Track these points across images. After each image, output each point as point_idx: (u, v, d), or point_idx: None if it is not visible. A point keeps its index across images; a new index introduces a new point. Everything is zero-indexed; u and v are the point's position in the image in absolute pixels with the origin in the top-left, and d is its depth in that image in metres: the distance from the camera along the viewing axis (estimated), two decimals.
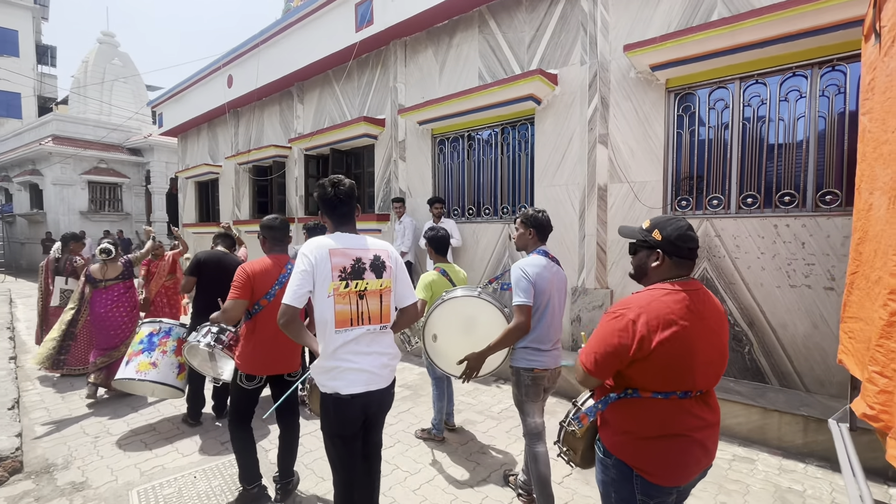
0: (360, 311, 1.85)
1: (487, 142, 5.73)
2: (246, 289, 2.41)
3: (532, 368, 2.31)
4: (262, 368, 2.50)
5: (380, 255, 1.94)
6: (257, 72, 8.48)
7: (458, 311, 2.54)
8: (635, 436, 1.41)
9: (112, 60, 20.97)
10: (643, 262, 1.53)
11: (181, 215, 13.02)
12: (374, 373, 1.89)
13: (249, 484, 2.54)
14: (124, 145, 17.48)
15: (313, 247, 1.84)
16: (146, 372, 3.42)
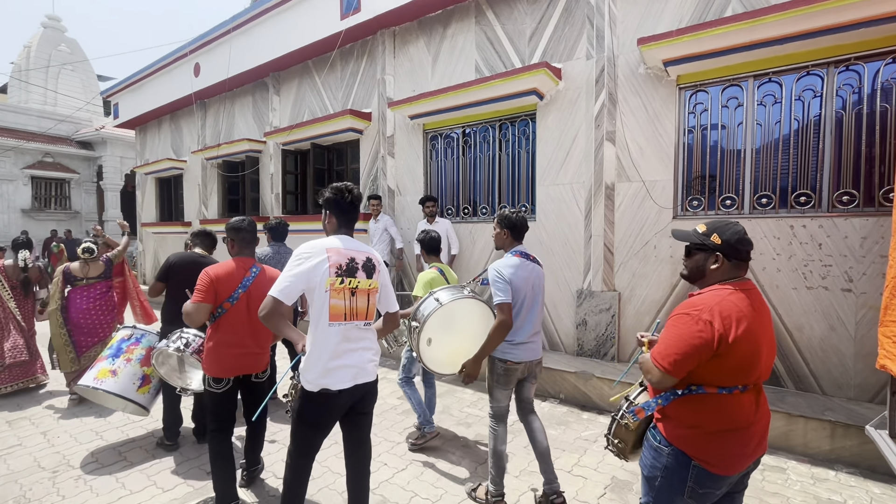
0: (351, 307, 1.96)
1: (484, 138, 5.48)
2: (209, 292, 2.40)
3: (506, 360, 2.46)
4: (227, 370, 2.49)
5: (371, 258, 2.06)
6: (229, 60, 7.89)
7: (446, 314, 2.58)
8: (702, 430, 1.47)
9: (58, 46, 19.41)
10: (701, 264, 1.59)
11: (139, 214, 12.09)
12: (361, 367, 1.99)
13: (225, 501, 2.44)
14: (73, 138, 16.15)
15: (312, 246, 1.92)
16: (103, 380, 3.08)
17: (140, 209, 11.98)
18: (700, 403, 1.48)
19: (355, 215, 2.10)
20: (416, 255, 5.56)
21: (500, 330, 2.34)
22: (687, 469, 1.48)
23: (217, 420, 2.51)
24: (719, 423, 1.46)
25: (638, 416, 1.62)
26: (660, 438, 1.55)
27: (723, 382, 1.46)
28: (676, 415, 1.52)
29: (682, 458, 1.49)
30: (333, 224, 2.07)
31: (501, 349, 2.45)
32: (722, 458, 1.46)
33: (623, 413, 1.70)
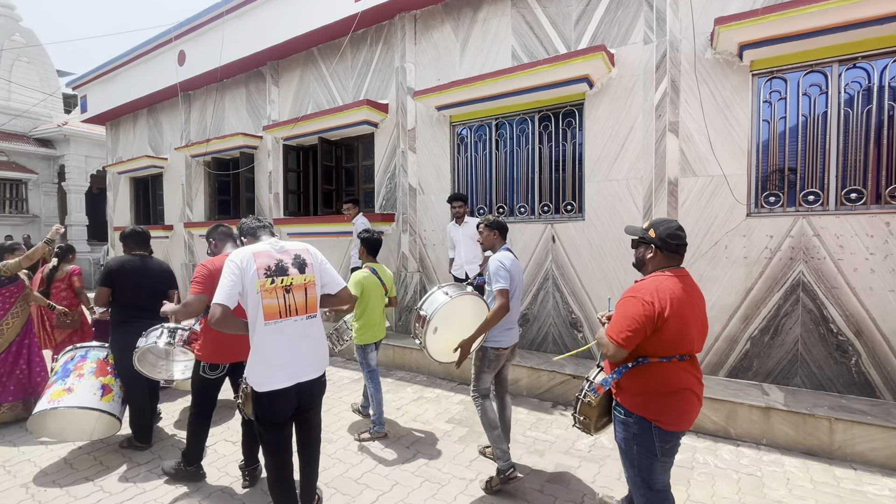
0: (287, 303, 2.05)
1: (522, 130, 5.04)
2: (208, 284, 2.45)
3: (497, 347, 2.80)
4: (225, 357, 2.74)
5: (300, 254, 2.17)
6: (221, 47, 7.17)
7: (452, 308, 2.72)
8: (651, 394, 1.75)
9: (12, 36, 17.81)
10: (641, 255, 1.91)
11: (110, 217, 11.06)
12: (303, 364, 2.07)
13: (191, 464, 2.83)
14: (31, 135, 14.76)
15: (240, 253, 2.05)
16: (59, 399, 2.98)
17: (111, 212, 10.95)
18: (646, 372, 1.76)
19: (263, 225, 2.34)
20: (449, 259, 5.05)
21: (500, 312, 2.64)
22: (650, 431, 1.75)
23: (205, 402, 2.81)
24: (663, 386, 1.74)
25: (598, 391, 1.91)
26: (623, 411, 1.83)
27: (662, 353, 1.74)
28: (629, 385, 1.80)
29: (643, 422, 1.76)
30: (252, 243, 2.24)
31: (494, 338, 2.78)
32: (672, 416, 1.74)
33: (585, 392, 1.97)
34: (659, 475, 1.84)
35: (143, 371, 3.03)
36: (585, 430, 2.00)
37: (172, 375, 3.21)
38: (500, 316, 2.64)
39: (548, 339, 4.84)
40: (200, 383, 2.75)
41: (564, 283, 4.71)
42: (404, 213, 5.79)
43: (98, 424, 3.17)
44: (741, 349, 3.90)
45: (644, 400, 1.75)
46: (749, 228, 3.83)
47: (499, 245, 2.90)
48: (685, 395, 1.75)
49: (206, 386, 2.76)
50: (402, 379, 4.97)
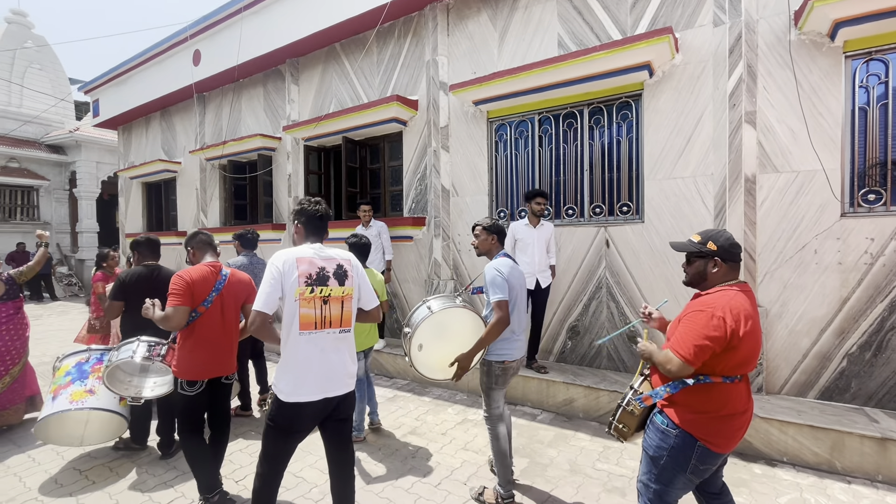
0: (323, 315, 1.98)
1: (570, 125, 4.62)
2: (186, 295, 2.42)
3: (503, 361, 2.58)
4: (203, 373, 2.54)
5: (342, 264, 2.07)
6: (238, 45, 6.85)
7: (439, 321, 2.61)
8: (708, 415, 1.68)
9: (24, 43, 17.76)
10: (702, 269, 1.80)
11: (122, 223, 10.77)
12: (333, 377, 2.00)
13: (210, 493, 2.54)
14: (43, 141, 14.59)
15: (283, 256, 1.96)
16: (83, 400, 2.97)
17: (123, 218, 10.66)
18: (708, 392, 1.67)
19: (323, 225, 2.14)
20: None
21: (499, 326, 2.44)
22: (692, 448, 1.68)
23: (190, 421, 2.56)
24: (725, 409, 1.66)
25: (645, 402, 1.81)
26: (668, 422, 1.72)
27: (727, 372, 1.67)
28: (686, 401, 1.70)
29: (688, 439, 1.68)
30: (303, 234, 2.14)
31: (497, 351, 2.57)
32: (724, 439, 1.68)
33: (630, 400, 1.86)
34: (677, 491, 1.78)
35: (111, 389, 2.82)
36: (620, 437, 1.91)
37: (141, 393, 2.95)
38: (500, 330, 2.46)
39: (601, 354, 4.39)
40: (182, 401, 2.54)
41: (621, 292, 4.27)
42: (436, 216, 5.38)
43: (108, 426, 3.20)
44: (836, 368, 3.42)
45: (699, 419, 1.67)
46: (844, 230, 3.37)
47: (496, 251, 2.69)
48: (743, 419, 1.70)
49: (186, 404, 2.54)
50: (440, 398, 4.53)
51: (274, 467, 2.03)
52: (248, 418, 3.98)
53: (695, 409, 1.67)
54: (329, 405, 2.00)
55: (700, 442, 1.65)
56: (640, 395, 1.83)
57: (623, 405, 1.87)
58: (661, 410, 1.76)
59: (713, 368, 1.65)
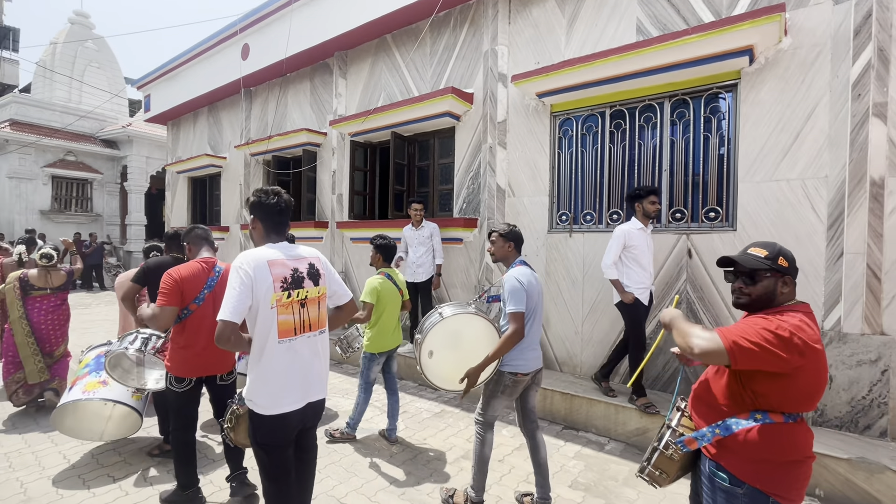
0: (302, 319, 1.86)
1: (648, 119, 4.14)
2: (174, 295, 2.39)
3: (516, 373, 2.48)
4: (191, 371, 2.50)
5: (313, 262, 1.96)
6: (287, 38, 6.70)
7: (449, 328, 2.58)
8: (774, 462, 1.40)
9: (85, 44, 18.62)
10: (772, 289, 1.50)
11: (168, 217, 10.94)
12: (313, 383, 1.91)
13: (186, 489, 2.55)
14: (97, 136, 15.18)
15: (250, 259, 1.79)
16: (95, 391, 2.98)
17: (169, 212, 10.82)
18: (769, 434, 1.40)
19: (285, 220, 1.96)
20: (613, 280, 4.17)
21: (513, 338, 2.36)
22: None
23: (180, 418, 2.55)
24: (790, 454, 1.40)
25: (689, 446, 1.51)
26: (728, 478, 1.44)
27: (788, 408, 1.41)
28: (742, 447, 1.42)
29: (758, 496, 1.40)
30: (260, 232, 1.95)
31: (512, 362, 2.48)
32: (795, 490, 1.41)
33: (668, 443, 1.54)
34: None
35: (113, 377, 2.86)
36: (654, 483, 1.59)
37: (145, 385, 3.01)
38: (513, 343, 2.38)
39: (677, 377, 3.87)
40: (172, 397, 2.54)
41: (704, 309, 3.75)
42: (490, 217, 5.00)
43: (123, 422, 3.20)
44: None
45: (762, 468, 1.41)
46: None
47: (512, 258, 2.62)
48: (809, 464, 1.44)
49: (176, 400, 2.53)
50: None
51: (280, 483, 1.88)
52: None
53: (755, 455, 1.40)
54: (307, 412, 1.91)
55: (771, 497, 1.38)
56: (681, 438, 1.52)
57: (660, 448, 1.55)
58: (715, 463, 1.46)
59: (771, 402, 1.40)
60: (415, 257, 5.06)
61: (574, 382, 4.20)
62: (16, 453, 3.23)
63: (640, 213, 3.60)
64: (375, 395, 4.17)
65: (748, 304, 1.54)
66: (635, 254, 3.56)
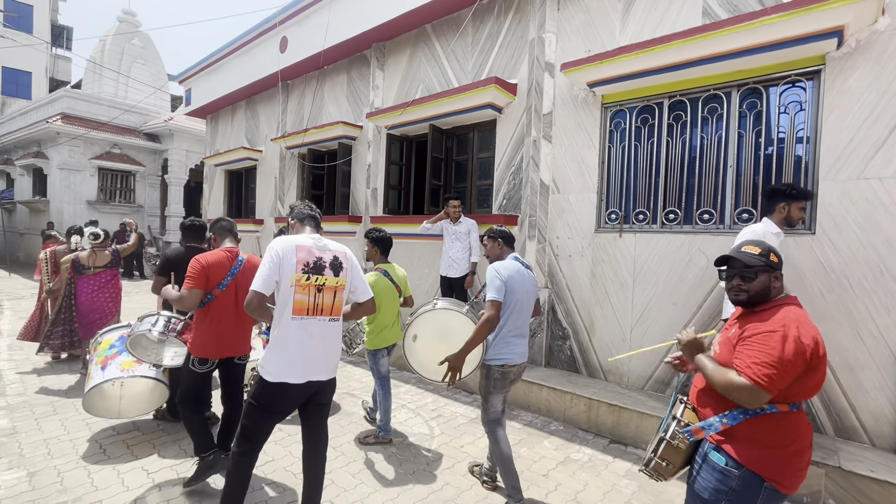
0: (316, 302, 2.07)
1: (712, 111, 3.79)
2: (201, 279, 2.53)
3: (502, 365, 2.58)
4: (214, 353, 2.68)
5: (338, 256, 2.17)
6: (326, 29, 6.61)
7: (440, 320, 2.79)
8: (777, 449, 1.45)
9: (132, 41, 19.31)
10: (767, 285, 1.57)
11: (205, 209, 11.15)
12: (319, 363, 2.09)
13: (205, 452, 2.68)
14: (141, 129, 15.67)
15: (282, 243, 2.05)
16: (133, 369, 3.13)
17: (206, 204, 11.02)
18: (776, 423, 1.46)
19: (316, 222, 2.29)
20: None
21: (487, 325, 2.44)
22: (758, 491, 1.46)
23: (189, 394, 2.69)
24: (793, 441, 1.46)
25: (696, 436, 1.57)
26: (727, 461, 1.50)
27: (796, 398, 1.45)
28: (750, 435, 1.48)
29: (753, 480, 1.45)
30: (298, 229, 2.27)
31: (499, 355, 2.57)
32: (794, 478, 1.47)
33: (675, 432, 1.59)
34: None
35: (133, 353, 3.03)
36: (660, 476, 1.62)
37: (162, 361, 3.18)
38: (487, 329, 2.46)
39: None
40: (189, 375, 2.70)
41: None
42: (532, 215, 4.75)
43: (151, 396, 3.42)
44: None
45: (766, 455, 1.45)
46: None
47: (505, 255, 2.75)
48: (810, 454, 1.51)
49: (193, 379, 2.69)
50: (531, 424, 3.91)
51: (252, 445, 2.10)
52: None
53: (762, 443, 1.45)
54: (311, 389, 2.09)
55: (767, 482, 1.44)
56: (687, 427, 1.57)
57: (667, 438, 1.58)
58: (717, 447, 1.52)
59: (784, 394, 1.44)
60: (452, 252, 4.87)
61: (621, 393, 3.91)
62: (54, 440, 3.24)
63: (781, 215, 2.92)
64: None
65: (747, 301, 1.60)
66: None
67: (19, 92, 21.89)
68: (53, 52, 25.15)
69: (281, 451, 3.22)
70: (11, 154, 17.06)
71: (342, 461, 3.13)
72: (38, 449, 3.09)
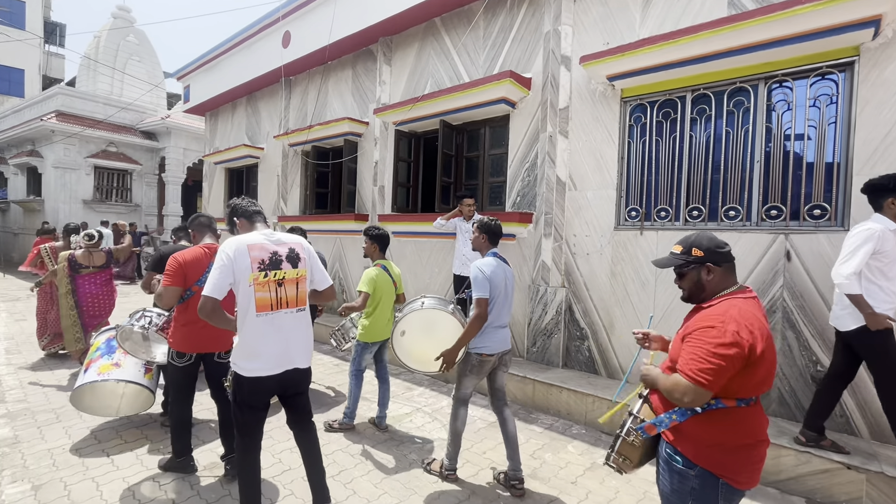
0: (279, 297, 2.12)
1: (738, 104, 3.69)
2: (178, 276, 2.60)
3: (481, 353, 2.74)
4: (192, 347, 2.71)
5: (294, 248, 2.22)
6: (332, 23, 6.46)
7: (427, 318, 3.02)
8: (727, 446, 1.44)
9: (127, 37, 19.01)
10: (697, 280, 1.60)
11: (204, 207, 10.98)
12: (291, 354, 2.16)
13: (180, 456, 2.82)
14: (138, 127, 15.43)
15: (233, 244, 2.07)
16: (108, 372, 3.16)
17: (206, 203, 10.84)
18: (721, 418, 1.45)
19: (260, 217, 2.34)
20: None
21: (477, 322, 2.64)
22: (716, 488, 1.45)
23: (178, 391, 2.80)
24: (742, 437, 1.45)
25: (648, 433, 1.56)
26: (682, 461, 1.49)
27: (743, 394, 1.45)
28: (696, 432, 1.47)
29: (709, 478, 1.45)
30: (245, 227, 2.32)
31: (477, 344, 2.73)
32: (747, 473, 1.45)
33: (629, 429, 1.60)
34: None
35: (124, 348, 3.08)
36: (620, 470, 1.64)
37: (154, 357, 3.22)
38: (478, 326, 2.65)
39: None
40: (172, 370, 2.77)
41: (806, 320, 3.30)
42: (547, 212, 4.63)
43: (136, 399, 3.37)
44: None
45: (716, 452, 1.44)
46: None
47: (486, 249, 2.88)
48: (762, 447, 1.47)
49: (176, 373, 2.75)
50: (552, 428, 3.79)
51: (249, 439, 2.17)
52: None
53: (709, 440, 1.45)
54: (286, 379, 2.16)
55: (722, 479, 1.43)
56: (641, 424, 1.58)
57: (622, 435, 1.60)
58: (671, 446, 1.52)
59: (727, 390, 1.44)
60: (465, 250, 4.75)
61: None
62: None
63: (893, 210, 2.68)
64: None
65: (688, 298, 1.67)
66: (883, 263, 2.64)
67: (12, 90, 21.57)
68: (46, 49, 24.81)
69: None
70: (5, 153, 16.76)
71: (362, 469, 3.00)
72: (42, 460, 2.95)
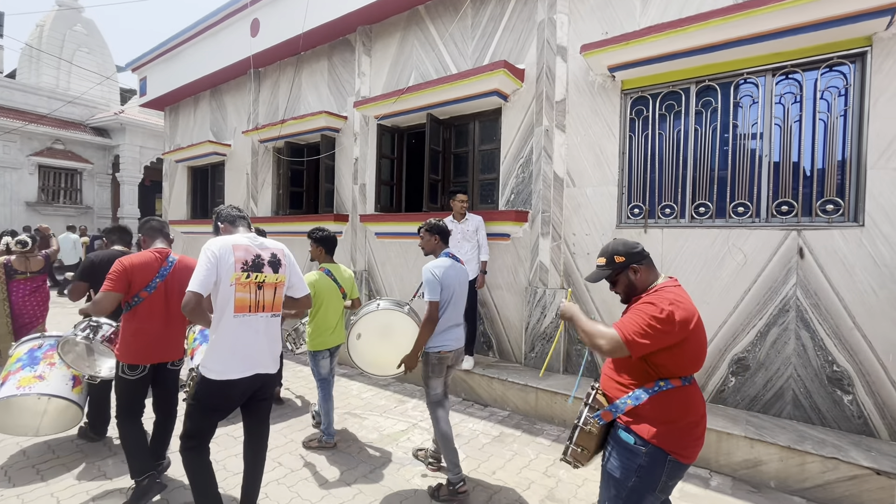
0: (257, 299, 2.12)
1: (745, 96, 3.56)
2: (120, 282, 2.45)
3: (439, 351, 2.78)
4: (143, 357, 2.55)
5: (276, 253, 2.22)
6: (306, 10, 6.02)
7: (383, 320, 3.00)
8: (677, 423, 1.57)
9: (74, 27, 17.69)
10: (629, 282, 1.75)
11: (165, 209, 10.21)
12: (262, 358, 2.14)
13: (140, 476, 2.53)
14: (88, 123, 14.32)
15: (218, 243, 2.05)
16: (30, 386, 2.83)
17: (167, 204, 10.09)
18: (671, 398, 1.58)
19: (245, 221, 2.29)
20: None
21: (430, 324, 2.68)
22: (663, 464, 1.56)
23: (125, 406, 2.56)
24: (689, 414, 1.59)
25: (605, 419, 1.66)
26: (635, 440, 1.58)
27: (682, 372, 1.60)
28: (651, 413, 1.58)
29: (658, 454, 1.55)
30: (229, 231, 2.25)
31: (433, 342, 2.76)
32: (691, 448, 1.59)
33: (586, 418, 1.68)
34: None
35: (66, 362, 2.82)
36: (577, 462, 1.68)
37: (99, 372, 2.95)
38: (430, 329, 2.69)
39: (784, 398, 3.32)
40: (123, 384, 2.55)
41: (821, 319, 3.19)
42: (545, 210, 4.40)
43: (62, 416, 3.06)
44: None
45: (668, 430, 1.56)
46: None
47: (439, 250, 2.88)
48: (704, 424, 1.64)
49: (126, 388, 2.55)
50: (559, 440, 3.56)
51: (198, 441, 2.12)
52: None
53: (663, 419, 1.56)
54: (256, 383, 2.14)
55: (671, 455, 1.56)
56: (597, 413, 1.67)
57: (580, 424, 1.68)
58: (625, 427, 1.62)
59: (670, 369, 1.58)
60: (461, 253, 4.44)
61: None
62: None
63: None
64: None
65: (626, 300, 1.78)
66: None
67: None
68: None
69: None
70: None
71: (361, 501, 2.66)
72: None
